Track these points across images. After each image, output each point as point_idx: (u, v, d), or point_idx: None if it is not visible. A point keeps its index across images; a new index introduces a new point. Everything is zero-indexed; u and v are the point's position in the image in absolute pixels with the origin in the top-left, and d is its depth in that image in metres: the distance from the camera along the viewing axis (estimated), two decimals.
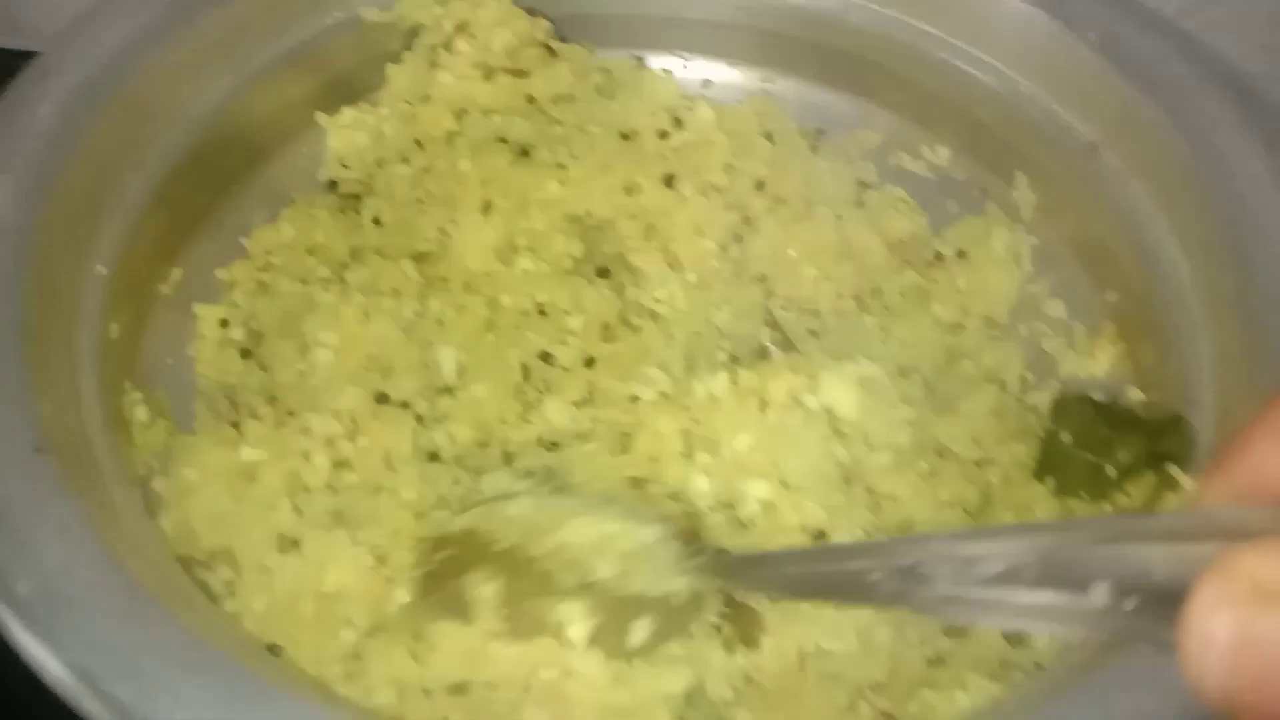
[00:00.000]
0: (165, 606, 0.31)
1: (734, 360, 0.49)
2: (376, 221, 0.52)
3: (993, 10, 0.55)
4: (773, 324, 0.52)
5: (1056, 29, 0.53)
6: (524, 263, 0.50)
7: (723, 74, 0.62)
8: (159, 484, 0.42)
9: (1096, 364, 0.51)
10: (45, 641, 0.29)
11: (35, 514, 0.32)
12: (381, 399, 0.43)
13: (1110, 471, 0.43)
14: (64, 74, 0.45)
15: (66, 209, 0.43)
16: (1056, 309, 0.54)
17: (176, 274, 0.50)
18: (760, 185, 0.55)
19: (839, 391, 0.42)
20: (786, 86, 0.62)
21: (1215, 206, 0.47)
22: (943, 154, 0.59)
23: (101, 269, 0.44)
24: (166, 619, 0.31)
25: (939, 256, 0.54)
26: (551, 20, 0.56)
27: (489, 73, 0.53)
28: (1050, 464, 0.45)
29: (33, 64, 0.46)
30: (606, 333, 0.48)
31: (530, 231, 0.50)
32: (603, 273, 0.51)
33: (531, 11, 0.55)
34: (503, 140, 0.53)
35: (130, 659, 0.29)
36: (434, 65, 0.54)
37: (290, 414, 0.42)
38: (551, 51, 0.55)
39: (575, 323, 0.48)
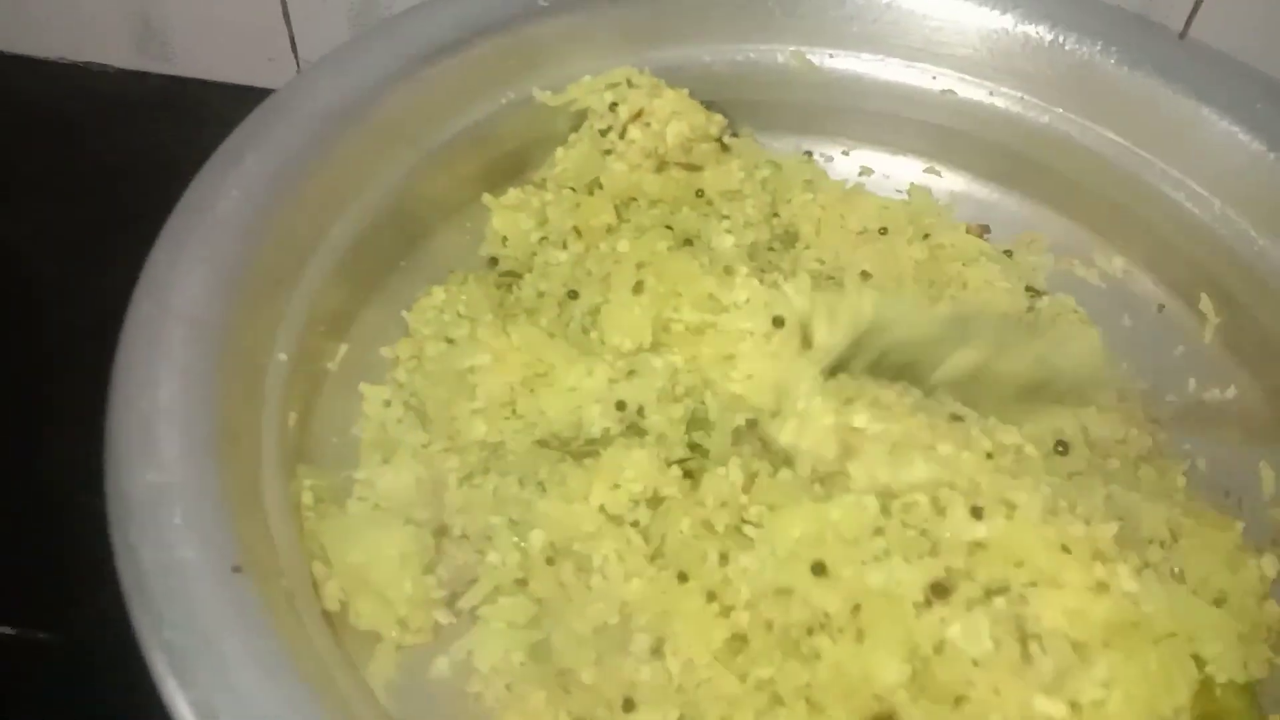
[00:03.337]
0: None
1: None
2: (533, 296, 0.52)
3: (1188, 125, 0.53)
4: None
5: (1257, 150, 0.51)
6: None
7: (884, 164, 0.61)
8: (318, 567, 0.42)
9: None
10: None
11: (238, 643, 0.32)
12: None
13: None
14: (250, 159, 0.46)
15: (255, 297, 0.43)
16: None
17: (343, 350, 0.50)
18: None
19: None
20: (952, 180, 0.60)
21: None
22: (1118, 264, 0.57)
23: (283, 355, 0.44)
24: None
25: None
26: (724, 108, 0.55)
27: (661, 164, 0.53)
28: None
29: (222, 147, 0.46)
30: None
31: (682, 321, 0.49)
32: None
33: (708, 105, 0.54)
34: (668, 228, 0.53)
35: None
36: (606, 152, 0.53)
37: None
38: (725, 147, 0.54)
39: None
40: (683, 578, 0.42)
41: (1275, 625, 0.43)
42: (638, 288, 0.49)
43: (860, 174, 0.61)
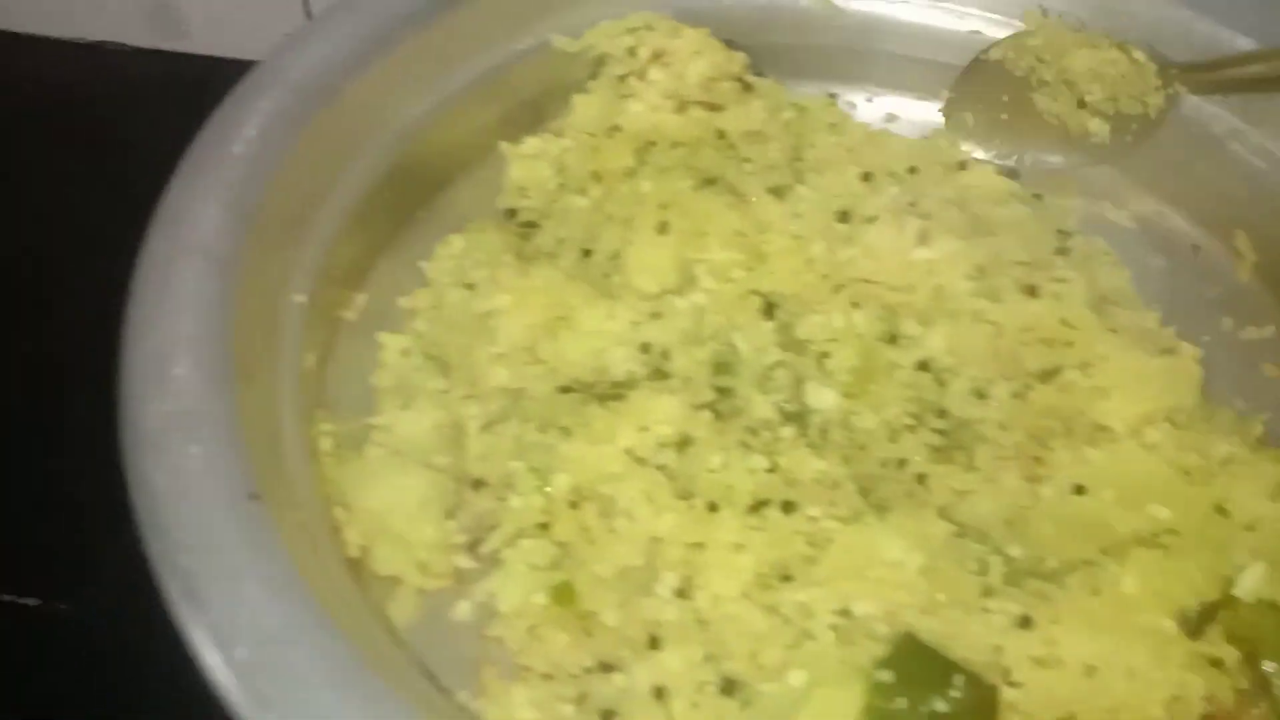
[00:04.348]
0: (377, 674, 0.30)
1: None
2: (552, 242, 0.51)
3: (1219, 55, 0.51)
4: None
5: None
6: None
7: (909, 109, 0.60)
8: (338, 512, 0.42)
9: None
10: (265, 714, 0.29)
11: (253, 569, 0.31)
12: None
13: None
14: (268, 99, 0.45)
15: (271, 235, 0.42)
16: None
17: (361, 300, 0.49)
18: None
19: None
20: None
21: None
22: (1149, 205, 0.56)
23: (300, 297, 0.43)
24: (384, 693, 0.30)
25: None
26: (748, 52, 0.54)
27: (681, 105, 0.52)
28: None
29: (236, 88, 0.46)
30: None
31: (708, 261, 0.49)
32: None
33: (730, 44, 0.53)
34: (689, 167, 0.52)
35: None
36: (624, 95, 0.52)
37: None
38: (747, 86, 0.53)
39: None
40: (714, 508, 0.41)
41: None
42: (662, 228, 0.48)
43: (886, 120, 0.59)
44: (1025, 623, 0.37)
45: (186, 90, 0.70)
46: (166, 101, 0.70)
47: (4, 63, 0.73)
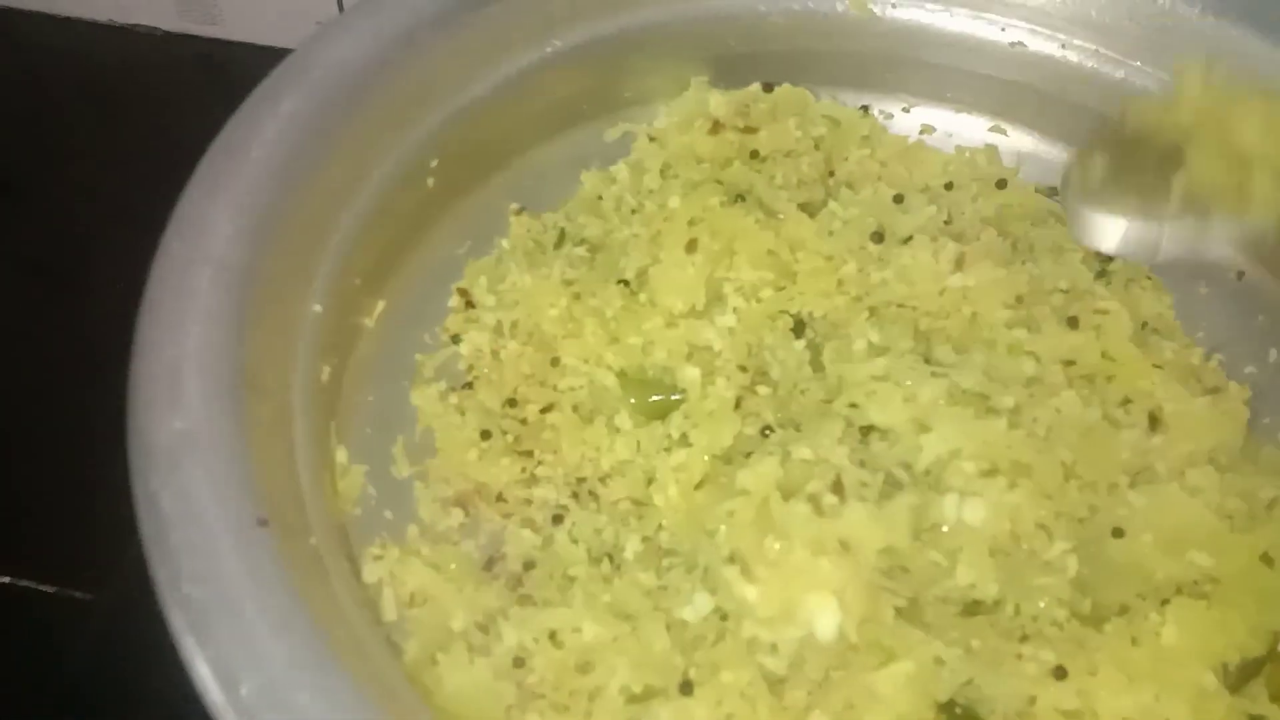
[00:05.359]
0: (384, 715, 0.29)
1: None
2: (586, 253, 0.49)
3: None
4: None
5: None
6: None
7: (946, 121, 0.58)
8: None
9: None
10: None
11: (259, 601, 0.30)
12: None
13: None
14: (287, 102, 0.44)
15: (288, 243, 0.41)
16: None
17: (380, 306, 0.48)
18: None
19: None
20: (1019, 140, 0.57)
21: None
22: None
23: (317, 307, 0.42)
24: None
25: None
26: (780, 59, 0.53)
27: (715, 127, 0.50)
28: None
29: (256, 90, 0.45)
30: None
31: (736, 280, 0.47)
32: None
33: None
34: (718, 182, 0.50)
35: None
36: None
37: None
38: (768, 88, 0.51)
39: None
40: None
41: None
42: (691, 246, 0.46)
43: (921, 132, 0.57)
44: (1060, 673, 0.36)
45: (216, 75, 0.70)
46: (196, 86, 0.71)
47: (35, 44, 0.73)
